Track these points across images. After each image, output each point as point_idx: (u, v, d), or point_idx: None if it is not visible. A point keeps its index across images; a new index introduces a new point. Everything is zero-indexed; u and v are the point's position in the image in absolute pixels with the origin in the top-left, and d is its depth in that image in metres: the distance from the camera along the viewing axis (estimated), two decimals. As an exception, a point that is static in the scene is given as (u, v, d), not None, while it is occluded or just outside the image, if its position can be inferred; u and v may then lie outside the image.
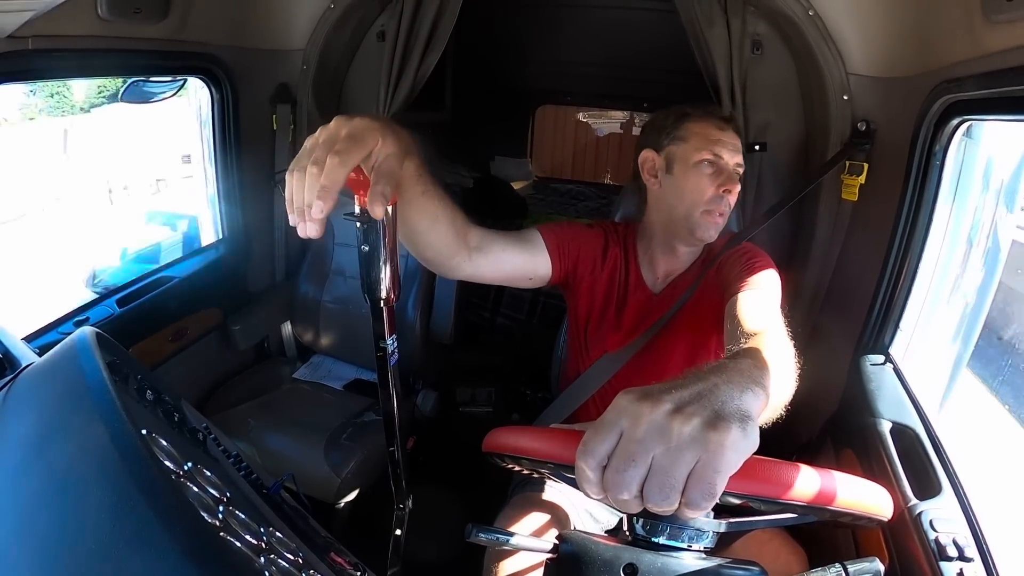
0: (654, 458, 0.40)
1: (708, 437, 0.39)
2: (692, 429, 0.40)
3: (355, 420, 1.54)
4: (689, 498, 0.39)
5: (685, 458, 0.39)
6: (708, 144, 1.03)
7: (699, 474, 0.39)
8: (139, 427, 0.45)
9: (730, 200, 1.05)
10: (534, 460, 0.57)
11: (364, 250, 0.63)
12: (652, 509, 0.40)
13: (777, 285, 0.97)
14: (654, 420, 0.41)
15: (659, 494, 0.39)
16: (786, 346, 0.71)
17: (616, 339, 1.12)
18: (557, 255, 1.07)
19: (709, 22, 1.36)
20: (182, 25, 1.29)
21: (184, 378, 1.54)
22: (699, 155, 1.04)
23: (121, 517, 0.38)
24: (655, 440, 0.40)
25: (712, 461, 0.39)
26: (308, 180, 0.55)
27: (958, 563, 0.74)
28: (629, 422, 0.41)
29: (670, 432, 0.40)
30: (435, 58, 1.61)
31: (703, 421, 0.40)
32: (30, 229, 3.43)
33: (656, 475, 0.39)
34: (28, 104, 3.33)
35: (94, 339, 0.56)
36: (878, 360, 1.14)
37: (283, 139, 1.67)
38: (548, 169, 4.26)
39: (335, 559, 0.63)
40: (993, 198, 1.08)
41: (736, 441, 0.40)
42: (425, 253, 0.87)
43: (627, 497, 0.40)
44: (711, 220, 1.04)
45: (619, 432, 0.41)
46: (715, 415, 0.41)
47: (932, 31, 1.03)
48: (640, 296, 1.13)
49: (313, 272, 1.74)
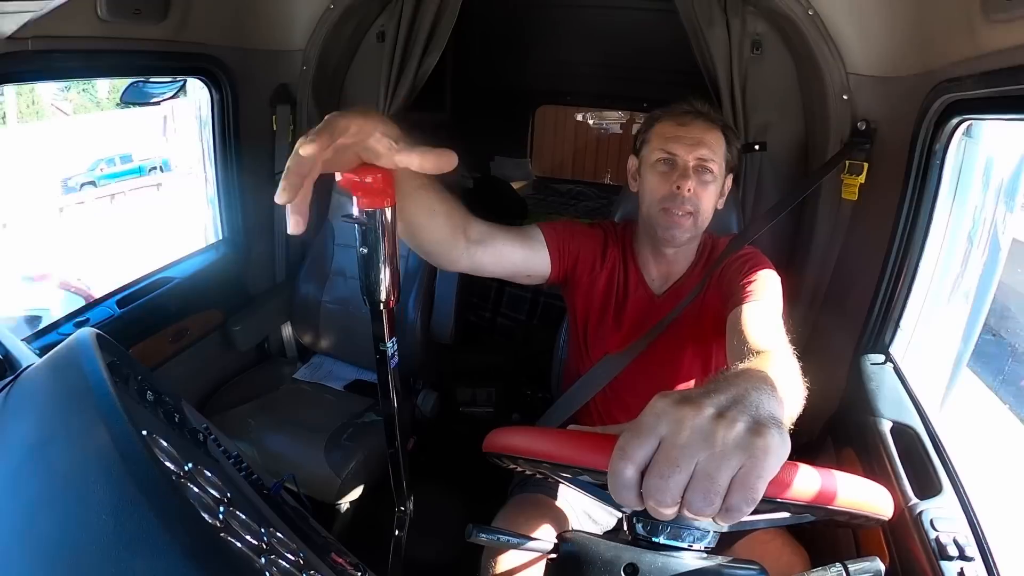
0: (697, 463, 0.39)
1: (753, 442, 0.39)
2: (736, 435, 0.39)
3: (355, 420, 1.54)
4: (731, 504, 0.39)
5: (731, 463, 0.39)
6: (663, 143, 1.03)
7: (742, 479, 0.39)
8: (140, 428, 0.45)
9: (696, 199, 1.01)
10: (554, 464, 0.55)
11: (363, 252, 0.63)
12: (691, 515, 0.40)
13: (778, 294, 0.96)
14: (697, 425, 0.40)
15: (703, 500, 0.39)
16: (793, 365, 0.71)
17: (616, 340, 1.12)
18: (557, 253, 1.07)
19: (709, 22, 1.36)
20: (182, 26, 1.29)
21: (184, 379, 1.54)
22: (654, 155, 1.04)
23: (122, 518, 0.38)
24: (699, 445, 0.39)
25: (756, 467, 0.39)
26: (285, 172, 0.54)
27: (959, 562, 0.74)
28: (671, 426, 0.40)
29: (715, 437, 0.39)
30: (435, 58, 1.61)
31: (746, 427, 0.40)
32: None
33: (700, 480, 0.39)
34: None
35: (94, 340, 0.56)
36: (878, 359, 1.14)
37: (283, 140, 1.66)
38: (548, 169, 4.26)
39: (336, 559, 0.63)
40: (993, 197, 1.08)
41: (777, 446, 0.39)
42: (424, 246, 0.88)
43: (669, 503, 0.40)
44: (669, 219, 1.02)
45: (658, 437, 0.40)
46: (755, 421, 0.40)
47: (932, 30, 1.03)
48: (641, 296, 1.12)
49: (313, 273, 1.74)
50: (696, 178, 1.01)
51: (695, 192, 1.00)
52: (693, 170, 1.01)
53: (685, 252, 1.10)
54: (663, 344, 1.07)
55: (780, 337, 0.80)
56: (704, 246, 1.12)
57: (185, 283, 1.55)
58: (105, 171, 5.81)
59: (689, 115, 1.05)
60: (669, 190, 1.01)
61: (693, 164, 1.01)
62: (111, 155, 5.81)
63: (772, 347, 0.75)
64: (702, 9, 1.36)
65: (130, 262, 2.04)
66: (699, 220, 1.03)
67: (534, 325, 2.38)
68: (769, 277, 0.99)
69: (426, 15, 1.56)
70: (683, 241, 1.05)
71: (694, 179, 1.00)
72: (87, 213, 5.49)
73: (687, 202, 1.00)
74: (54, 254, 4.30)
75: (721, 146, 1.04)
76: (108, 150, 5.76)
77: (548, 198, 3.51)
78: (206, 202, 1.68)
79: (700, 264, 1.11)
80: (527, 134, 3.52)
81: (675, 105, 1.08)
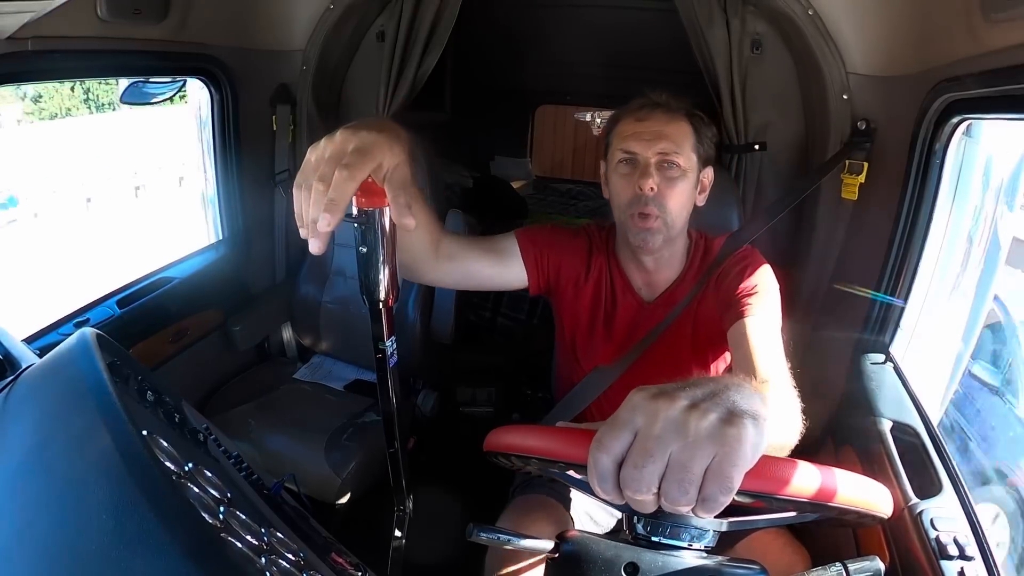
0: (671, 454, 0.40)
1: (725, 432, 0.40)
2: (708, 425, 0.40)
3: (356, 420, 1.54)
4: (707, 493, 0.39)
5: (703, 453, 0.39)
6: (621, 142, 0.97)
7: (716, 469, 0.39)
8: (140, 428, 0.45)
9: (662, 197, 0.94)
10: (542, 459, 0.56)
11: (362, 251, 0.63)
12: (669, 506, 0.40)
13: (777, 301, 0.95)
14: (670, 416, 0.41)
15: (678, 489, 0.39)
16: (791, 396, 0.72)
17: (608, 351, 1.08)
18: (534, 267, 1.03)
19: (709, 22, 1.36)
20: (182, 26, 1.29)
21: (185, 379, 1.54)
22: (615, 156, 0.98)
23: (122, 518, 0.38)
24: (672, 436, 0.40)
25: (729, 455, 0.39)
26: (314, 196, 0.54)
27: (959, 562, 0.74)
28: (645, 418, 0.41)
29: (687, 428, 0.40)
30: (435, 58, 1.61)
31: (719, 417, 0.40)
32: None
33: (674, 471, 0.39)
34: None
35: (95, 340, 0.56)
36: (878, 359, 1.14)
37: (283, 140, 1.66)
38: (548, 169, 4.26)
39: (336, 559, 0.63)
40: (993, 196, 1.08)
41: (751, 436, 0.40)
42: (399, 256, 0.87)
43: (644, 494, 0.40)
44: (636, 225, 0.96)
45: (634, 429, 0.41)
46: (729, 412, 0.41)
47: (931, 30, 1.03)
48: (630, 305, 1.08)
49: (313, 273, 1.74)
50: (660, 175, 0.94)
51: (660, 191, 0.94)
52: (656, 167, 0.94)
53: (671, 256, 1.05)
54: (659, 351, 1.04)
55: (780, 363, 0.80)
56: (696, 248, 1.07)
57: (185, 283, 1.55)
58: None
59: (646, 108, 0.98)
60: (633, 192, 0.95)
61: (655, 160, 0.95)
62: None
63: (770, 377, 0.76)
64: (702, 9, 1.36)
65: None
66: (670, 221, 0.96)
67: (534, 325, 2.37)
68: (768, 282, 0.97)
69: (426, 15, 1.56)
70: (657, 246, 0.98)
71: (657, 176, 0.94)
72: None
73: (651, 202, 0.94)
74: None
75: (687, 137, 0.97)
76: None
77: (548, 198, 3.51)
78: (202, 204, 1.68)
79: (694, 268, 1.06)
80: (527, 134, 3.51)
81: (634, 100, 1.01)
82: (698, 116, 1.00)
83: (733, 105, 1.40)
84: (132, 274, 1.49)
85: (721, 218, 1.29)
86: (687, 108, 1.00)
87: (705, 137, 1.00)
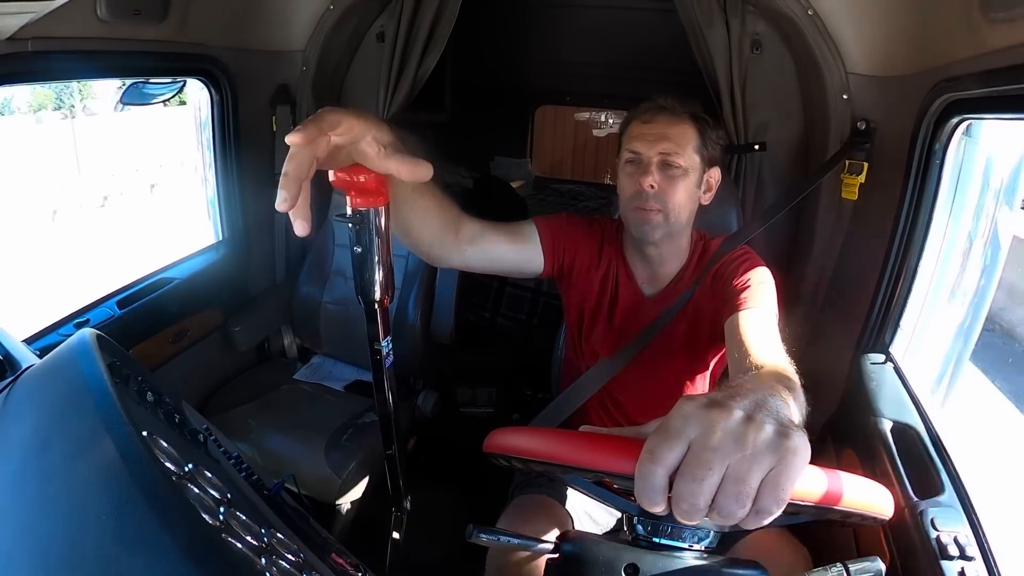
0: (729, 466, 0.39)
1: (782, 444, 0.39)
2: (766, 436, 0.40)
3: (356, 421, 1.54)
4: (761, 506, 0.39)
5: (761, 465, 0.39)
6: (628, 143, 1.03)
7: (772, 481, 0.39)
8: (140, 429, 0.45)
9: (663, 194, 0.99)
10: (566, 467, 0.52)
11: (357, 251, 0.63)
12: (719, 519, 0.40)
13: (774, 297, 0.96)
14: (729, 427, 0.40)
15: (735, 502, 0.39)
16: (795, 379, 0.70)
17: (609, 340, 1.11)
18: (551, 250, 1.07)
19: (708, 22, 1.36)
20: (181, 26, 1.29)
21: (185, 379, 1.54)
22: (623, 156, 1.04)
23: (122, 519, 0.38)
24: (731, 448, 0.39)
25: (786, 468, 0.39)
26: (282, 177, 0.54)
27: (959, 562, 0.74)
28: (701, 429, 0.40)
29: (745, 439, 0.39)
30: (434, 59, 1.61)
31: (774, 429, 0.40)
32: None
33: (731, 483, 0.39)
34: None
35: (94, 341, 0.56)
36: (878, 359, 1.14)
37: (283, 140, 1.66)
38: (548, 169, 4.25)
39: (336, 560, 0.63)
40: (993, 196, 1.08)
41: (804, 448, 0.40)
42: (416, 245, 0.90)
43: (702, 506, 0.39)
44: (638, 217, 1.01)
45: (688, 440, 0.40)
46: (779, 423, 0.41)
47: (931, 30, 1.03)
48: (631, 297, 1.11)
49: (313, 273, 1.74)
50: (661, 173, 0.99)
51: (661, 188, 0.99)
52: (657, 166, 0.99)
53: (673, 253, 1.09)
54: (658, 346, 1.06)
55: (779, 349, 0.80)
56: (696, 247, 1.11)
57: (185, 284, 1.55)
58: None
59: (651, 111, 1.04)
60: (635, 188, 1.00)
61: (656, 160, 1.00)
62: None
63: (773, 361, 0.75)
64: (702, 9, 1.36)
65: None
66: (671, 216, 1.01)
67: (534, 325, 2.37)
68: (764, 279, 0.98)
69: (426, 15, 1.56)
70: (657, 237, 1.03)
71: (658, 175, 0.99)
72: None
73: (652, 198, 0.99)
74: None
75: (689, 138, 1.01)
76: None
77: (548, 198, 3.51)
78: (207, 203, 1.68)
79: (692, 266, 1.10)
80: (527, 134, 3.52)
81: (642, 104, 1.07)
82: (703, 119, 1.04)
83: (733, 105, 1.40)
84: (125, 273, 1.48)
85: (721, 218, 1.29)
86: (692, 111, 1.04)
87: (710, 139, 1.04)
